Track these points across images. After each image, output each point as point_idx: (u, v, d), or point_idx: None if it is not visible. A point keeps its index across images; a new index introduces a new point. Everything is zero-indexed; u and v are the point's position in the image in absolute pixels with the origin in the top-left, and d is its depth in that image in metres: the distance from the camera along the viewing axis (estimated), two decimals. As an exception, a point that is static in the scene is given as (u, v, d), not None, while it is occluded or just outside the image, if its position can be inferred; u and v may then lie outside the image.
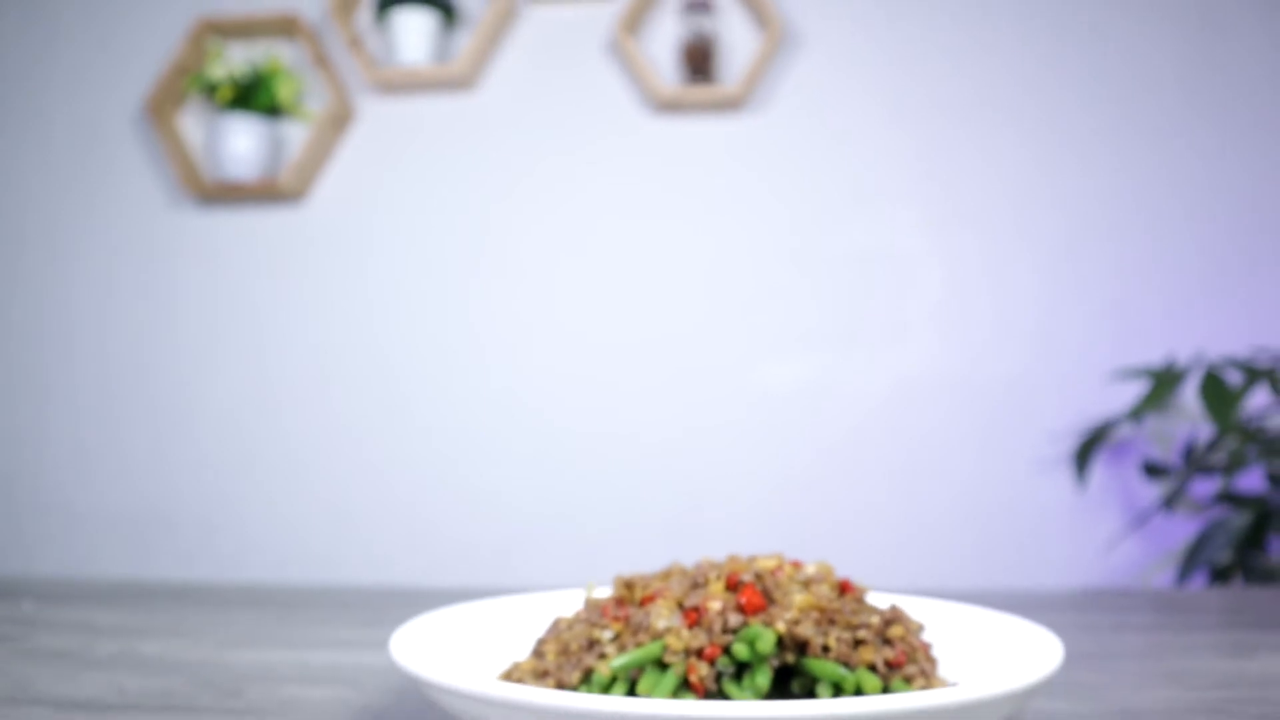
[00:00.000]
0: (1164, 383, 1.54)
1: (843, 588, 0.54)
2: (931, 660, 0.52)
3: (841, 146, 1.89)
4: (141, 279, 2.03)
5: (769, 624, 0.48)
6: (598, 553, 1.88)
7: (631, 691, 0.47)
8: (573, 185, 1.95)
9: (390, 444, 1.96)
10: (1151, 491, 1.77)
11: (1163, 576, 1.77)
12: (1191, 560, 1.51)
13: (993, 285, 1.84)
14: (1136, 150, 1.82)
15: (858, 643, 0.49)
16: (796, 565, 0.54)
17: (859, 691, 0.47)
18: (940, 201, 1.86)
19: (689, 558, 1.88)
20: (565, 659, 0.50)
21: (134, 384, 2.03)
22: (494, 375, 1.95)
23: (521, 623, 0.62)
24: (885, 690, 0.48)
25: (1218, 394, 1.49)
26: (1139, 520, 1.68)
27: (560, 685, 0.49)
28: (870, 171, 1.88)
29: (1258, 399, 1.66)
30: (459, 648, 0.57)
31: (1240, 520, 1.51)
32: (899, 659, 0.49)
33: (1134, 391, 1.73)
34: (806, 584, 0.52)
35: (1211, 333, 1.74)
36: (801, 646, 0.48)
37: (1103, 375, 1.78)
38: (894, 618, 0.51)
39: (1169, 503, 1.55)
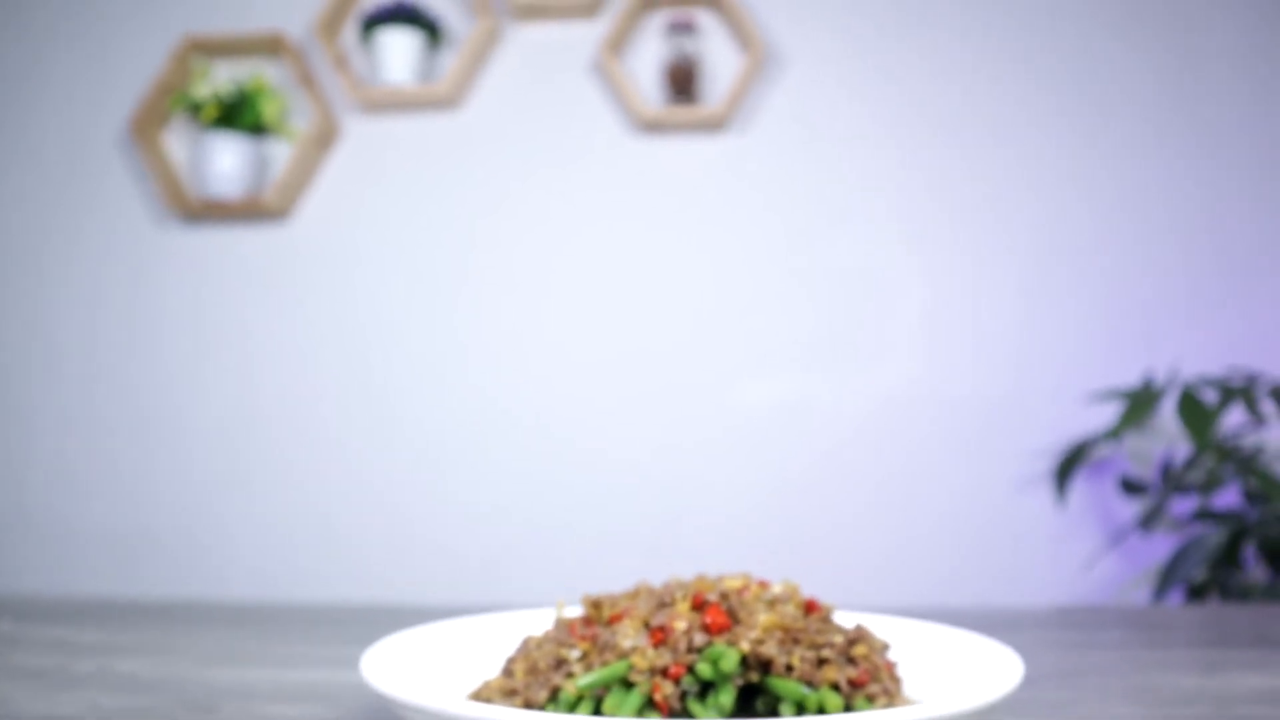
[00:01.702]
0: (1141, 403, 1.56)
1: (808, 607, 0.54)
2: (896, 679, 0.53)
3: (824, 166, 1.91)
4: (127, 296, 2.04)
5: (733, 643, 0.49)
6: (581, 566, 1.89)
7: (598, 710, 0.48)
8: (557, 203, 1.96)
9: (376, 460, 1.96)
10: (1130, 509, 1.79)
11: (1140, 594, 1.79)
12: (1168, 578, 1.52)
13: (974, 304, 1.86)
14: (1118, 170, 1.85)
15: (821, 661, 0.50)
16: (763, 585, 0.55)
17: (821, 710, 0.48)
18: (922, 220, 1.88)
19: (671, 572, 1.89)
20: (534, 678, 0.51)
21: (119, 401, 2.03)
22: (478, 392, 1.95)
23: (494, 641, 0.63)
24: (848, 709, 0.49)
25: (1195, 413, 1.51)
26: (1117, 538, 1.70)
27: (528, 704, 0.50)
28: (852, 191, 1.90)
29: (1233, 417, 1.67)
30: (430, 666, 0.58)
31: (1216, 538, 1.53)
32: (862, 678, 0.50)
33: (1113, 410, 1.75)
34: (772, 603, 0.53)
35: (1187, 352, 1.76)
36: (765, 665, 0.49)
37: (1082, 394, 1.80)
38: (858, 637, 0.52)
39: (1147, 522, 1.56)
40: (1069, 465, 1.70)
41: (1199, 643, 0.85)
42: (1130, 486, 1.73)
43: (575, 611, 0.60)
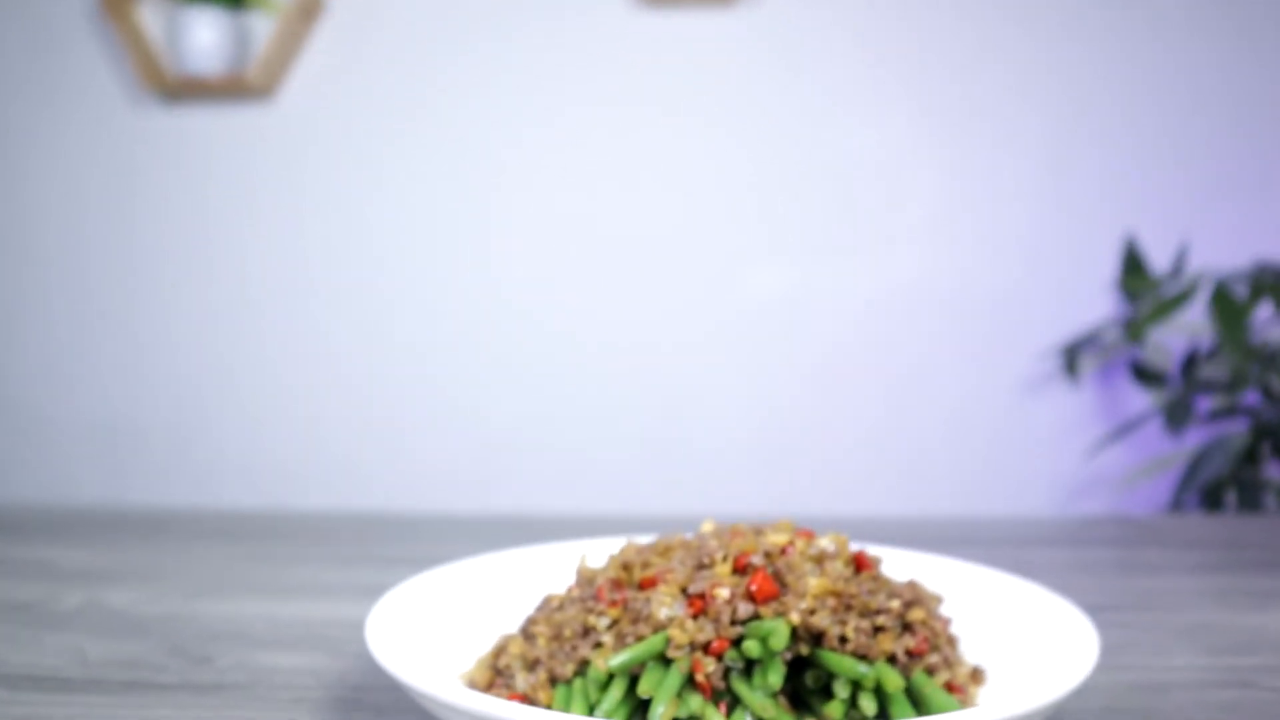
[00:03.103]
0: (1169, 301, 1.50)
1: (858, 563, 0.50)
2: (953, 642, 0.49)
3: (836, 48, 1.80)
4: (106, 180, 1.94)
5: (782, 613, 0.44)
6: (579, 468, 1.86)
7: (632, 688, 0.43)
8: (555, 83, 1.86)
9: (368, 357, 1.91)
10: (1143, 400, 1.75)
11: (1153, 486, 1.76)
12: (1190, 478, 1.49)
13: (988, 194, 1.79)
14: (1140, 51, 1.75)
15: (876, 629, 0.45)
16: (809, 537, 0.50)
17: (879, 688, 0.43)
18: (938, 106, 1.79)
19: (669, 473, 1.86)
20: (558, 645, 0.47)
21: (99, 293, 1.96)
22: (474, 286, 1.89)
23: (509, 587, 0.58)
24: (907, 685, 0.44)
25: (1228, 310, 1.45)
26: (1128, 427, 1.65)
27: (553, 677, 0.46)
28: (866, 74, 1.80)
29: (1260, 314, 1.62)
30: (441, 622, 0.53)
31: (1241, 438, 1.49)
32: (920, 647, 0.45)
33: (1130, 305, 1.69)
34: (819, 560, 0.48)
35: (1212, 245, 1.70)
36: (817, 637, 0.44)
37: (1098, 289, 1.74)
38: (914, 599, 0.47)
39: (1174, 419, 1.51)
40: (1079, 348, 1.66)
41: (1252, 565, 0.81)
42: (1143, 374, 1.67)
43: (596, 558, 0.55)
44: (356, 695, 0.52)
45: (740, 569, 0.46)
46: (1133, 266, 1.61)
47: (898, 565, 0.58)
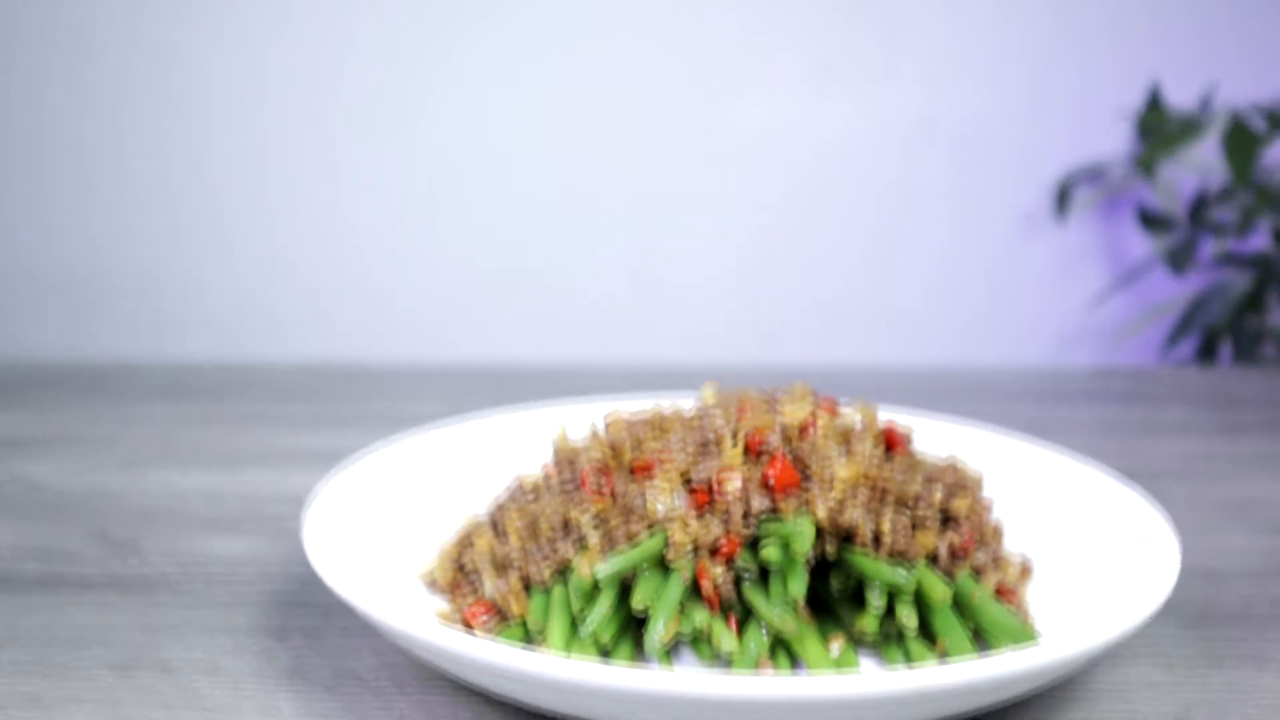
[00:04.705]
0: (1180, 129, 1.41)
1: (889, 441, 0.42)
2: (998, 534, 0.42)
3: None
4: None
5: (805, 507, 0.36)
6: (555, 311, 1.77)
7: (624, 599, 0.36)
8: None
9: (339, 196, 1.79)
10: (1145, 247, 1.67)
11: (1146, 335, 1.71)
12: (1187, 323, 1.43)
13: (993, 19, 1.66)
14: None
15: (914, 523, 0.38)
16: (832, 410, 0.42)
17: (920, 597, 0.36)
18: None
19: (649, 316, 1.78)
20: (534, 544, 0.39)
21: (53, 127, 1.82)
22: (448, 121, 1.76)
23: (473, 462, 0.50)
24: (955, 595, 0.37)
25: (1241, 141, 1.36)
26: (1131, 276, 1.59)
27: (527, 581, 0.38)
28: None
29: (1275, 153, 1.53)
30: (396, 502, 0.46)
31: (1242, 283, 1.42)
32: (966, 544, 0.38)
33: (1145, 144, 1.59)
34: (846, 439, 0.40)
35: (1240, 86, 1.59)
36: (845, 535, 0.37)
37: (1111, 132, 1.64)
38: (957, 485, 0.40)
39: (1177, 260, 1.44)
40: (1070, 184, 1.57)
41: (1270, 427, 0.75)
42: (1150, 220, 1.60)
43: (575, 428, 0.47)
44: (301, 593, 0.45)
45: (754, 452, 0.38)
46: (1154, 106, 1.51)
47: (921, 435, 0.50)
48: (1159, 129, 1.53)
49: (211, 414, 0.77)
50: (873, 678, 0.28)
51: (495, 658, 0.29)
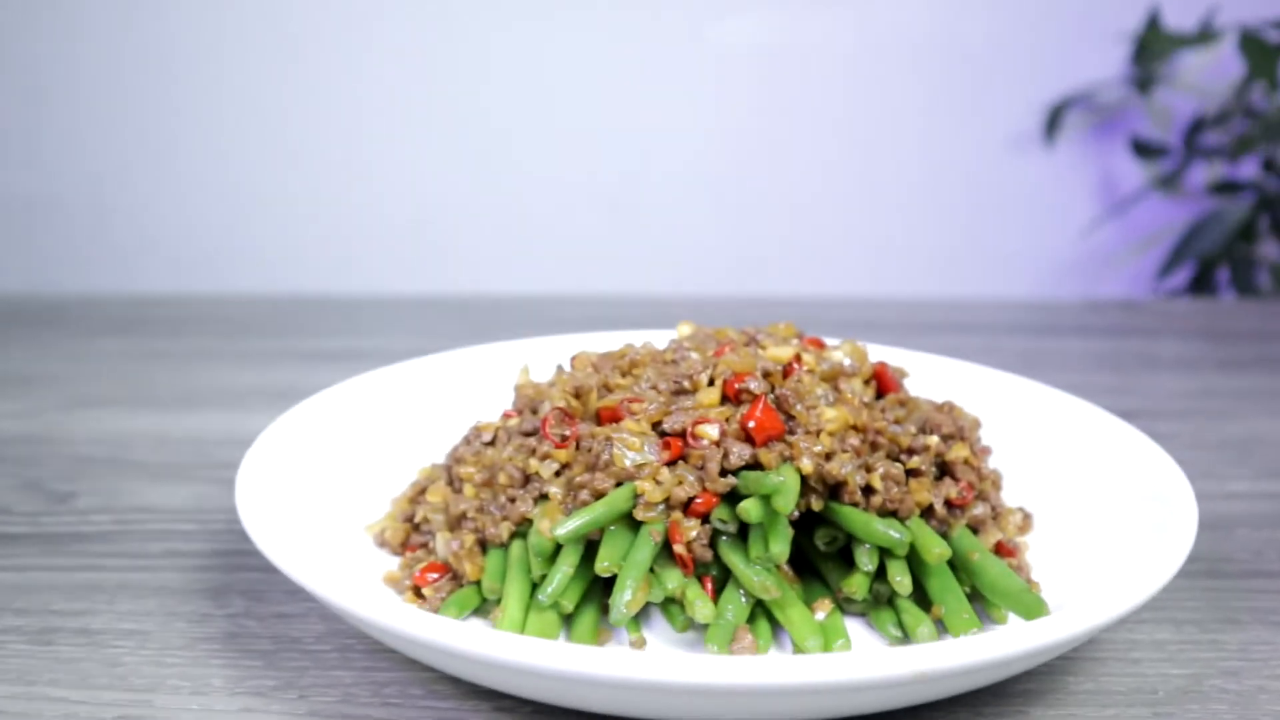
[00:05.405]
0: (1187, 39, 1.37)
1: (880, 382, 0.39)
2: (997, 484, 0.38)
3: None
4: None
5: (789, 458, 0.33)
6: (532, 238, 1.72)
7: (588, 559, 0.32)
8: None
9: (302, 123, 1.73)
10: (1138, 175, 1.63)
11: (1143, 261, 1.67)
12: (1182, 252, 1.40)
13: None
14: None
15: (909, 473, 0.35)
16: (818, 348, 0.39)
17: (913, 556, 0.33)
18: None
19: (627, 244, 1.74)
20: (490, 496, 0.36)
21: (8, 49, 1.74)
22: (419, 45, 1.69)
23: (427, 405, 0.47)
24: (952, 555, 0.34)
25: (1257, 50, 1.34)
26: (1123, 205, 1.55)
27: (483, 540, 0.35)
28: None
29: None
30: (345, 447, 0.42)
31: (1238, 211, 1.39)
32: (964, 497, 0.35)
33: (1130, 64, 1.55)
34: (833, 380, 0.37)
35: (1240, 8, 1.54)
36: (833, 488, 0.34)
37: (1101, 41, 1.58)
38: (954, 433, 0.37)
39: (1167, 183, 1.41)
40: (1062, 109, 1.53)
41: (1267, 363, 0.72)
42: (1143, 149, 1.56)
43: (540, 370, 0.44)
44: (244, 549, 0.42)
45: (732, 396, 0.35)
46: (1153, 28, 1.47)
47: (911, 373, 0.47)
48: (1158, 50, 1.48)
49: (163, 350, 0.73)
50: (863, 661, 0.24)
51: (438, 637, 0.25)
